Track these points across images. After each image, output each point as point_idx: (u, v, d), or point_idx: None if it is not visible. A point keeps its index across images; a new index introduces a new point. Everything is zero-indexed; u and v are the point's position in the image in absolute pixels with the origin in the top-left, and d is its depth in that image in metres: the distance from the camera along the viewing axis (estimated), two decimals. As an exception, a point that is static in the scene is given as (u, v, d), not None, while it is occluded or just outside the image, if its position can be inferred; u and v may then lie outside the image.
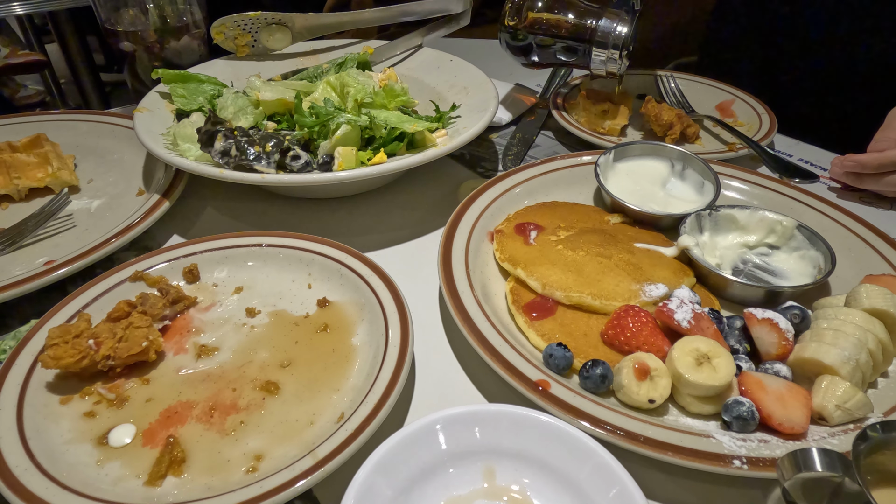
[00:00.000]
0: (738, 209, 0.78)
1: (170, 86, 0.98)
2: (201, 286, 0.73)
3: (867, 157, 0.91)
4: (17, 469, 0.50)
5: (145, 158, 0.99)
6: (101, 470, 0.52)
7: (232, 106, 0.92)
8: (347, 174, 0.77)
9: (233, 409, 0.58)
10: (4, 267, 0.77)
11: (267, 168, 0.80)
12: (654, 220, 0.81)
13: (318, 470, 0.48)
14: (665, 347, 0.60)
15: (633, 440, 0.51)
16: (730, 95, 1.19)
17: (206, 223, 0.89)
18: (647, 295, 0.68)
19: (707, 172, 0.85)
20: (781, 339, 0.60)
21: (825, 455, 0.42)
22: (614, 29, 0.97)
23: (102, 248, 0.75)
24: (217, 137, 0.81)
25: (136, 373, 0.62)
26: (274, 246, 0.75)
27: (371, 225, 0.88)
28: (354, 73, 0.97)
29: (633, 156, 0.91)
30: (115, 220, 0.82)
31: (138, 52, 1.09)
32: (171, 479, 0.52)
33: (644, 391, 0.56)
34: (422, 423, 0.49)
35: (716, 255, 0.76)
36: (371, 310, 0.66)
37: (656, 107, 1.06)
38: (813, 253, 0.73)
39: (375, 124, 0.86)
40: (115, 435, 0.56)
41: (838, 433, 0.53)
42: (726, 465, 0.50)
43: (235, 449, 0.54)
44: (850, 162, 0.93)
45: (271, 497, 0.47)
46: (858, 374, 0.56)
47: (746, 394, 0.56)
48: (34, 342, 0.62)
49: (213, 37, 1.10)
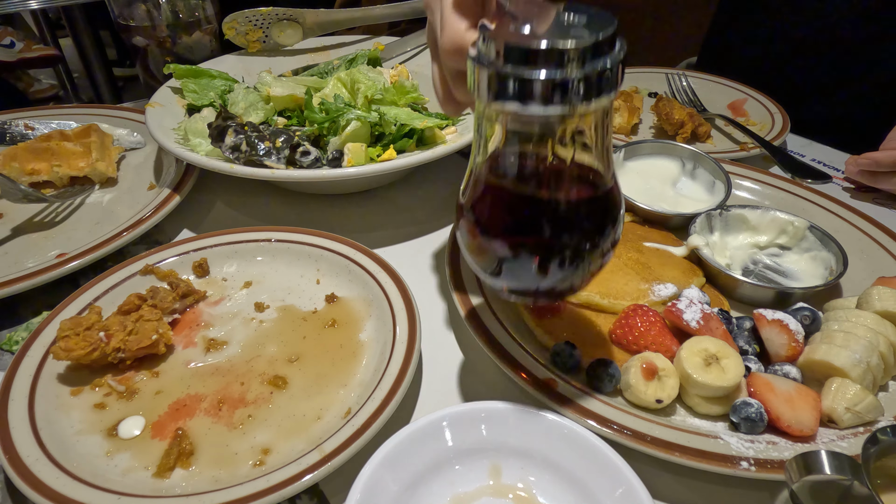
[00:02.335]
0: (749, 209, 0.78)
1: (181, 81, 0.98)
2: (211, 280, 0.73)
3: (883, 154, 0.90)
4: (29, 459, 0.50)
5: (157, 153, 0.99)
6: (110, 461, 0.53)
7: (243, 101, 0.92)
8: (357, 170, 0.77)
9: (241, 402, 0.58)
10: (18, 259, 0.78)
11: (277, 163, 0.80)
12: (664, 219, 0.81)
13: (325, 465, 0.49)
14: (673, 347, 0.60)
15: (640, 440, 0.51)
16: (742, 94, 1.18)
17: (216, 218, 0.90)
18: (655, 294, 0.67)
19: (718, 172, 0.85)
20: (791, 341, 0.59)
21: (834, 458, 0.42)
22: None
23: (114, 242, 0.75)
24: (228, 133, 0.82)
25: (145, 365, 0.62)
26: (283, 241, 0.75)
27: (380, 221, 0.88)
28: (365, 70, 0.97)
29: (643, 154, 0.91)
30: (126, 214, 0.83)
31: (150, 48, 1.10)
32: (180, 472, 0.52)
33: (652, 391, 0.56)
34: (429, 420, 0.49)
35: (726, 255, 0.75)
36: (379, 306, 0.66)
37: (667, 105, 1.05)
38: (824, 254, 0.73)
39: (385, 121, 0.86)
40: (124, 427, 0.56)
41: (848, 436, 0.53)
42: (734, 467, 0.49)
43: (243, 442, 0.55)
44: (865, 160, 0.92)
45: (278, 491, 0.47)
46: (869, 376, 0.56)
47: (755, 395, 0.55)
48: (46, 334, 0.62)
49: (224, 32, 1.11)
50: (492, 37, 0.38)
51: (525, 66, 0.37)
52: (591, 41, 0.36)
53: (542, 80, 0.37)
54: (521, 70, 0.37)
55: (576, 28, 0.38)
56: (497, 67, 0.38)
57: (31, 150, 0.92)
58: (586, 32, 0.37)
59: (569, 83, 0.37)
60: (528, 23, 0.39)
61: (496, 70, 0.38)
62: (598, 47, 0.37)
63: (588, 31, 0.37)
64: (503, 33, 0.38)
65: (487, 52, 0.39)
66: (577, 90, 0.37)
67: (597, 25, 0.38)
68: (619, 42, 0.39)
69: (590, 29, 0.37)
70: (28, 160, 0.91)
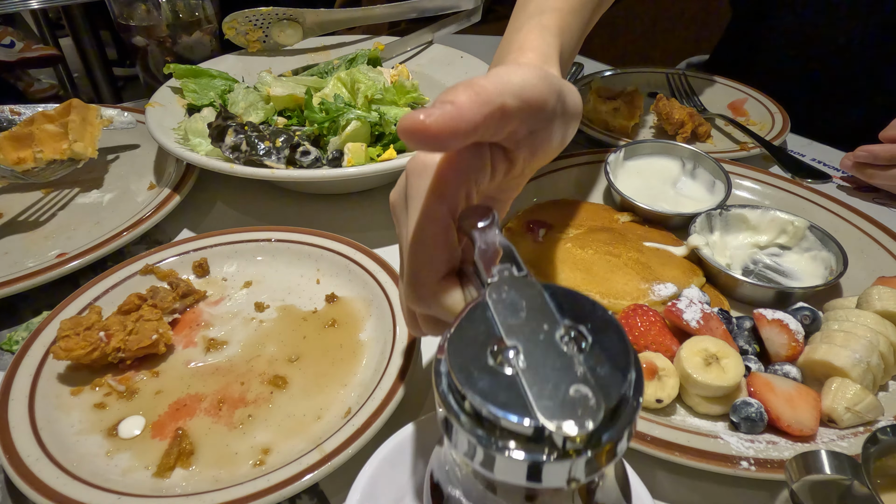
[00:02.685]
0: (749, 209, 0.78)
1: (181, 81, 0.98)
2: (211, 280, 0.73)
3: (880, 147, 0.89)
4: (29, 459, 0.50)
5: (157, 153, 0.99)
6: (110, 461, 0.53)
7: (243, 101, 0.92)
8: (357, 170, 0.77)
9: (241, 402, 0.58)
10: (18, 259, 0.78)
11: (277, 163, 0.80)
12: (664, 219, 0.81)
13: (325, 464, 0.49)
14: (673, 347, 0.60)
15: (639, 440, 0.51)
16: (742, 94, 1.18)
17: (215, 218, 0.90)
18: (655, 294, 0.67)
19: (718, 171, 0.85)
20: (791, 341, 0.59)
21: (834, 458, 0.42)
22: None
23: (114, 242, 0.75)
24: (227, 132, 0.82)
25: (145, 365, 0.62)
26: (283, 241, 0.75)
27: (380, 221, 0.88)
28: (365, 70, 0.97)
29: (643, 154, 0.91)
30: (126, 214, 0.83)
31: (150, 47, 1.10)
32: (180, 471, 0.52)
33: (652, 391, 0.56)
34: (429, 418, 0.49)
35: (726, 254, 0.76)
36: (379, 305, 0.66)
37: (667, 105, 1.05)
38: (825, 254, 0.73)
39: (385, 121, 0.86)
40: (124, 426, 0.56)
41: (848, 436, 0.53)
42: (734, 466, 0.50)
43: (243, 442, 0.55)
44: (862, 152, 0.91)
45: (278, 490, 0.47)
46: (869, 376, 0.56)
47: (755, 395, 0.55)
48: (46, 333, 0.62)
49: (224, 32, 1.11)
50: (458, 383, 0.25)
51: (491, 438, 0.24)
52: (589, 421, 0.23)
53: (512, 460, 0.24)
54: (485, 439, 0.24)
55: (578, 370, 0.25)
56: (459, 422, 0.25)
57: (14, 139, 0.88)
58: (588, 393, 0.24)
59: (542, 467, 0.23)
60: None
61: (458, 424, 0.25)
62: (597, 431, 0.23)
63: (592, 385, 0.24)
64: (471, 381, 0.25)
65: (449, 392, 0.26)
66: (560, 473, 0.24)
67: (607, 376, 0.24)
68: (631, 402, 0.25)
69: (598, 379, 0.24)
70: (12, 149, 0.87)
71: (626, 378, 0.25)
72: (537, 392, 0.24)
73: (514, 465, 0.24)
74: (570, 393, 0.24)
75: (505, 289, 0.29)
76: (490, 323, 0.27)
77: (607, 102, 1.08)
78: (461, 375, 0.25)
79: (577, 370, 0.25)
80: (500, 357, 0.25)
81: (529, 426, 0.23)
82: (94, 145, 0.89)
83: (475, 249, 0.35)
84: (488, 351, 0.26)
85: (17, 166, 0.86)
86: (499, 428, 0.24)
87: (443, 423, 0.26)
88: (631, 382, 0.25)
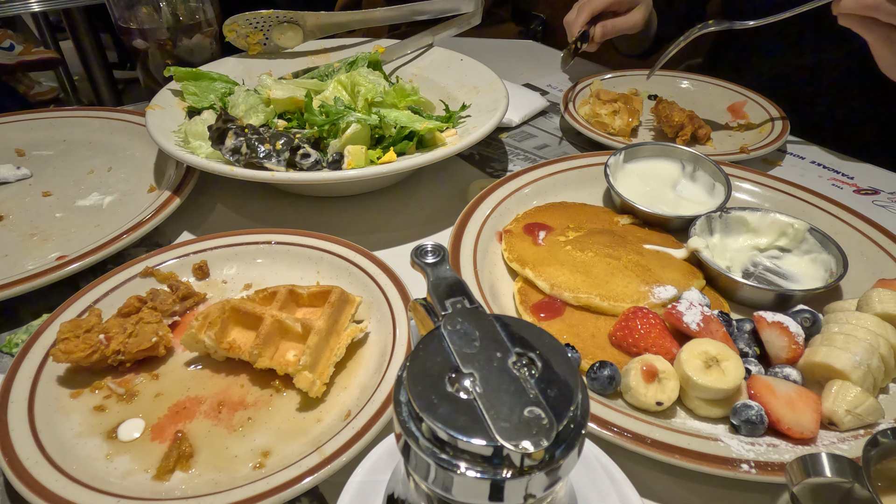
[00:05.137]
0: (749, 211, 0.78)
1: (182, 83, 0.99)
2: (211, 283, 0.73)
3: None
4: (28, 461, 0.50)
5: (157, 155, 0.99)
6: (110, 464, 0.53)
7: (243, 104, 0.92)
8: (357, 173, 0.77)
9: (241, 405, 0.58)
10: (18, 261, 0.78)
11: (277, 166, 0.80)
12: (664, 221, 0.81)
13: (325, 467, 0.49)
14: (673, 350, 0.60)
15: (640, 442, 0.51)
16: (742, 97, 1.18)
17: (216, 220, 0.90)
18: (655, 297, 0.67)
19: (718, 174, 0.85)
20: (791, 343, 0.59)
21: (835, 460, 0.42)
22: None
23: (114, 244, 0.75)
24: (228, 135, 0.82)
25: (145, 368, 0.62)
26: (283, 244, 0.75)
27: (380, 223, 0.88)
28: (365, 72, 0.97)
29: (643, 157, 0.91)
30: (126, 217, 0.83)
31: (151, 50, 1.10)
32: (179, 474, 0.52)
33: (652, 393, 0.56)
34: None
35: (726, 257, 0.75)
36: (379, 308, 0.66)
37: (667, 107, 1.05)
38: (825, 256, 0.73)
39: (385, 123, 0.86)
40: (124, 429, 0.56)
41: (848, 438, 0.53)
42: (734, 469, 0.49)
43: (243, 445, 0.55)
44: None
45: (278, 493, 0.47)
46: (870, 378, 0.56)
47: (755, 397, 0.55)
48: (46, 336, 0.62)
49: (224, 35, 1.11)
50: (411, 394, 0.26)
51: (452, 461, 0.25)
52: (544, 439, 0.24)
53: (474, 480, 0.24)
54: (446, 462, 0.25)
55: (531, 393, 0.26)
56: (420, 447, 0.25)
57: (240, 313, 0.63)
58: (541, 413, 0.25)
59: (503, 484, 0.24)
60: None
61: (419, 450, 0.25)
62: (549, 448, 0.24)
63: (544, 406, 0.25)
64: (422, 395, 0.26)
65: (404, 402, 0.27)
66: (518, 490, 0.25)
67: (557, 398, 0.26)
68: (574, 412, 0.26)
69: (549, 401, 0.25)
70: (229, 327, 0.63)
71: (574, 399, 0.26)
72: (494, 415, 0.25)
73: (476, 485, 0.25)
74: (525, 414, 0.25)
75: (458, 320, 0.30)
76: (446, 353, 0.28)
77: (607, 105, 1.08)
78: (421, 402, 0.26)
79: (529, 393, 0.26)
80: (458, 384, 0.26)
81: (489, 447, 0.24)
82: (325, 378, 0.58)
83: (427, 284, 0.36)
84: (446, 378, 0.27)
85: (225, 352, 0.61)
86: (459, 450, 0.25)
87: (403, 450, 0.27)
88: (578, 403, 0.26)
